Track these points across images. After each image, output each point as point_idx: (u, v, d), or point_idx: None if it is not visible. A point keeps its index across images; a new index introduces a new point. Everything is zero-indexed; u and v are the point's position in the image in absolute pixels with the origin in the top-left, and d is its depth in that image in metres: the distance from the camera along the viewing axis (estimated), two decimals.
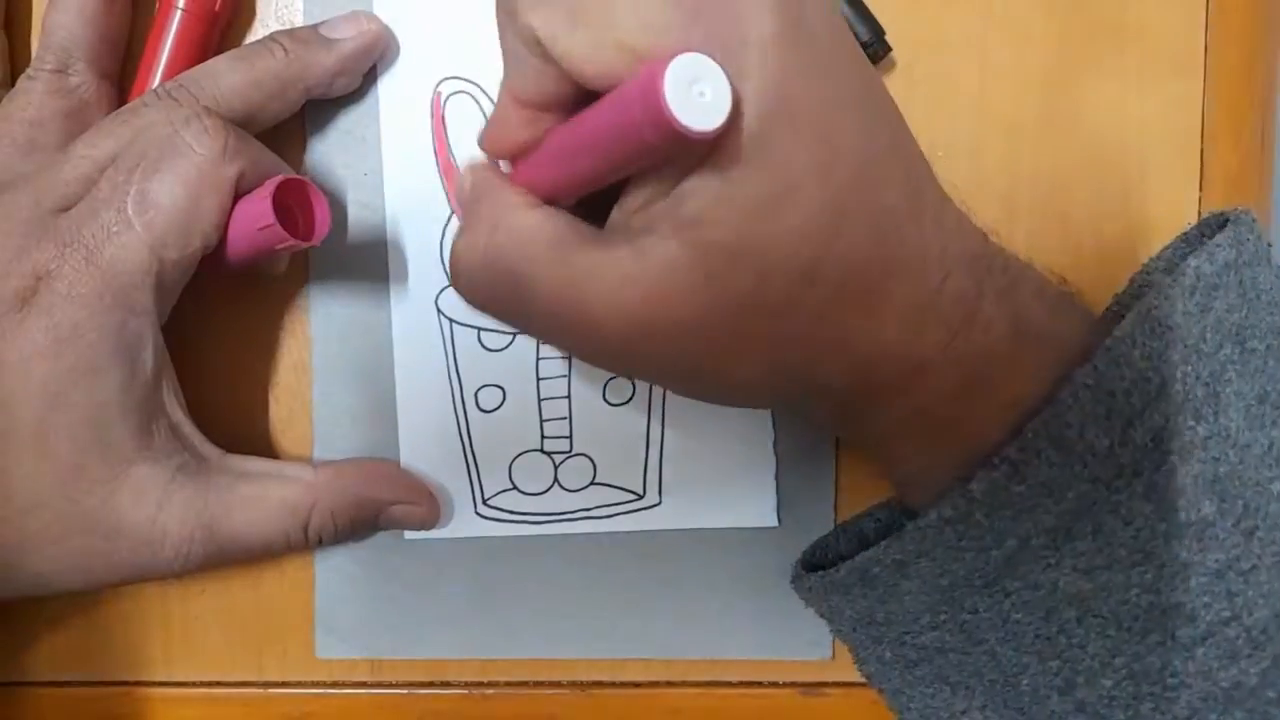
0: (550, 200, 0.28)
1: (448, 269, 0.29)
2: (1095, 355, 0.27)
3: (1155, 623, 0.27)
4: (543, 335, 0.29)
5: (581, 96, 0.26)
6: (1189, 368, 0.27)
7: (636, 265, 0.25)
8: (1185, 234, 0.31)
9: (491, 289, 0.28)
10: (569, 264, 0.26)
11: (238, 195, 0.31)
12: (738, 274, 0.24)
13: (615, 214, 0.27)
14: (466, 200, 0.29)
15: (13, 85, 0.34)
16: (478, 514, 0.37)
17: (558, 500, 0.37)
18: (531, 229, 0.27)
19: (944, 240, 0.27)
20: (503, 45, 0.27)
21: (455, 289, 0.29)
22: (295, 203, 0.32)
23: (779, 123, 0.24)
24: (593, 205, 0.28)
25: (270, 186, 0.30)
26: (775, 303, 0.25)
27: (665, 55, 0.22)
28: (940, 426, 0.28)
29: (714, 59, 0.22)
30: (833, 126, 0.24)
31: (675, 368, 0.27)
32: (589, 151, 0.26)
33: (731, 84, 0.23)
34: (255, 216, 0.31)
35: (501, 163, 0.31)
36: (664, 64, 0.22)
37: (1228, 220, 0.29)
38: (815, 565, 0.35)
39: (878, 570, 0.30)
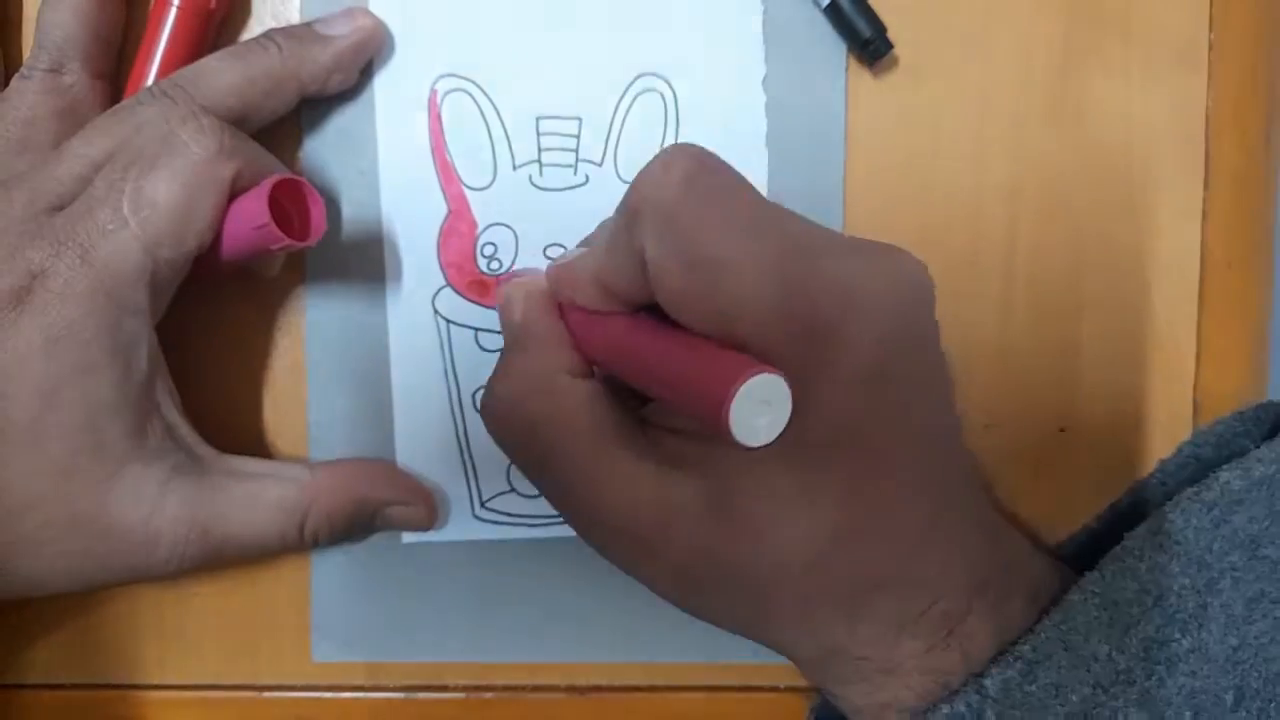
0: (591, 362, 0.29)
1: (482, 409, 0.30)
2: (1104, 563, 0.28)
3: None
4: (547, 496, 0.30)
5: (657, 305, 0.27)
6: (1187, 579, 0.27)
7: (654, 491, 0.26)
8: (1242, 413, 0.31)
9: (520, 444, 0.28)
10: (598, 459, 0.27)
11: (233, 195, 0.31)
12: (738, 547, 0.25)
13: (655, 412, 0.28)
14: (515, 329, 0.30)
15: (6, 85, 0.34)
16: (475, 516, 0.37)
17: None
18: (577, 407, 0.27)
19: (948, 565, 0.27)
20: (611, 234, 0.27)
21: (482, 419, 0.29)
22: (291, 203, 0.31)
23: (829, 449, 0.24)
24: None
25: (266, 186, 0.30)
26: (761, 582, 0.26)
27: (748, 365, 0.23)
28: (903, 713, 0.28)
29: (796, 376, 0.23)
30: (874, 465, 0.25)
31: (657, 586, 0.28)
32: (645, 370, 0.27)
33: (792, 414, 0.23)
34: (251, 216, 0.30)
35: None
36: (742, 380, 0.22)
37: None
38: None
39: None
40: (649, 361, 0.27)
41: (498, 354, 0.36)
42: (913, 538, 0.26)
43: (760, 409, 0.23)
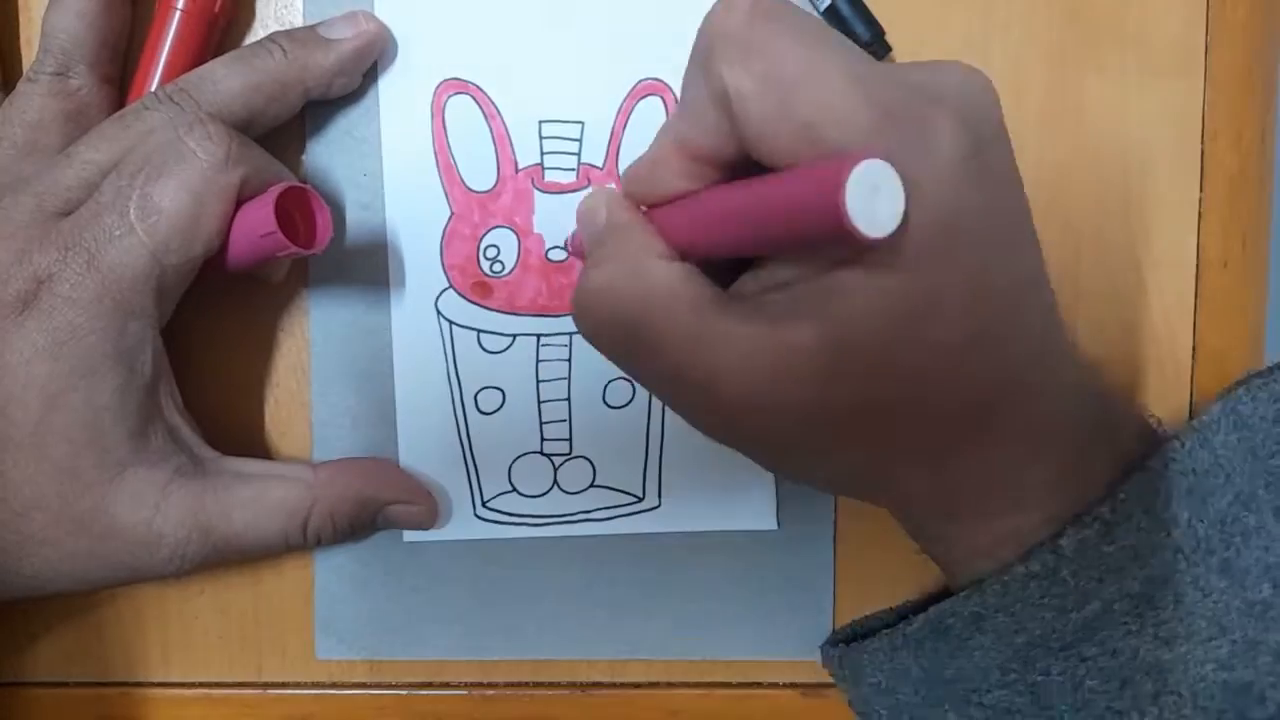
0: (681, 254, 0.28)
1: (574, 307, 0.28)
2: (1185, 433, 0.29)
3: (1229, 702, 0.28)
4: (655, 386, 0.29)
5: (744, 162, 0.26)
6: (1250, 464, 0.29)
7: (770, 344, 0.25)
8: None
9: (618, 335, 0.28)
10: (702, 328, 0.26)
11: (240, 201, 0.31)
12: (867, 378, 0.25)
13: (749, 283, 0.27)
14: (599, 233, 0.29)
15: (8, 90, 0.34)
16: (477, 516, 0.37)
17: (557, 502, 0.37)
18: (672, 286, 0.26)
19: (1064, 378, 0.27)
20: (684, 91, 0.27)
21: (576, 325, 0.28)
22: (297, 210, 0.32)
23: (942, 242, 0.24)
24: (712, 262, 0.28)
25: (273, 194, 0.30)
26: (894, 407, 0.25)
27: (851, 154, 0.22)
28: (1013, 550, 0.29)
29: (894, 166, 0.22)
30: (989, 254, 0.25)
31: (773, 444, 0.27)
32: (745, 224, 0.26)
33: (906, 197, 0.22)
34: (257, 223, 0.31)
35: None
36: (850, 166, 0.22)
37: None
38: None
39: (953, 622, 0.30)
40: (747, 209, 0.26)
41: (500, 355, 0.36)
42: (1030, 349, 0.26)
43: (873, 196, 0.22)
